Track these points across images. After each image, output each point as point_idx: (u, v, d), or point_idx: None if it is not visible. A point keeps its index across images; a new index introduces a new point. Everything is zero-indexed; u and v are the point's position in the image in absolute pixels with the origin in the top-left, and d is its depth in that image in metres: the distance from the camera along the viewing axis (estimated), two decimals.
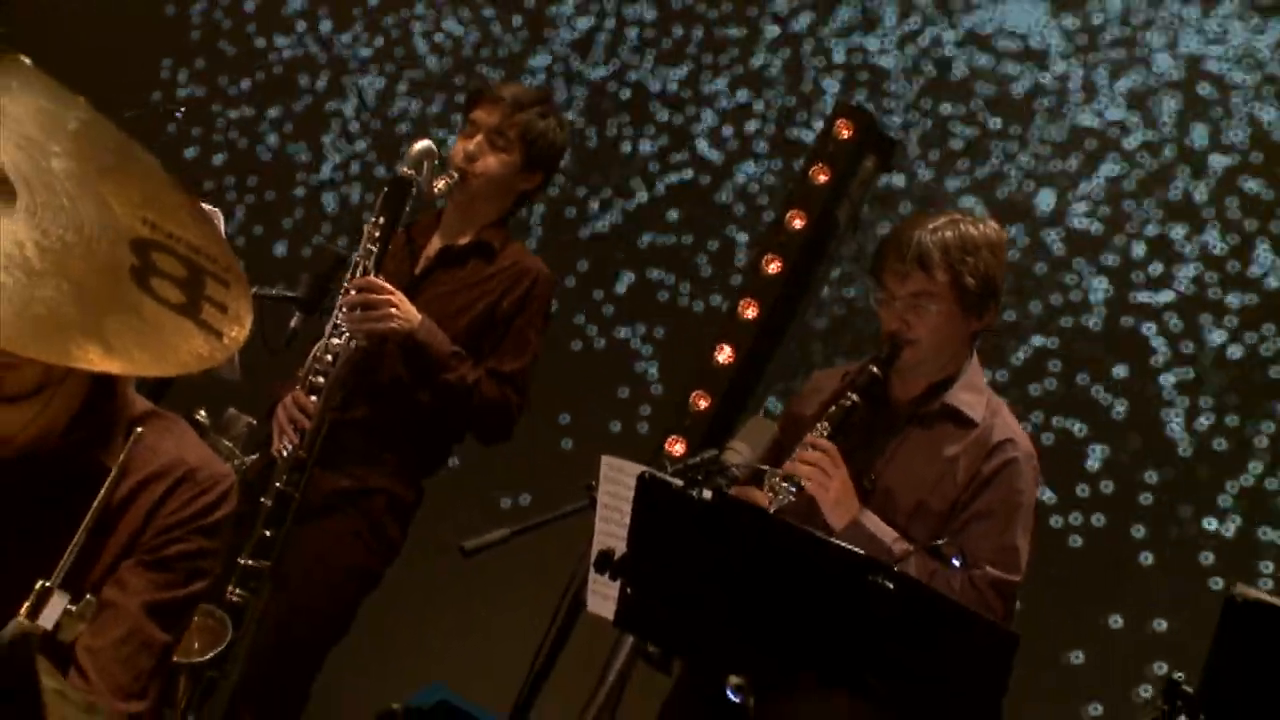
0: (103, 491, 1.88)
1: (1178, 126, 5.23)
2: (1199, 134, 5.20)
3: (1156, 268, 5.17)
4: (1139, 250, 5.19)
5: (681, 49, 5.85)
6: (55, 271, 1.51)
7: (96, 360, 1.53)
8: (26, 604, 1.87)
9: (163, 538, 2.32)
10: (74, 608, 1.92)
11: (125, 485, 2.32)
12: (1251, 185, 5.13)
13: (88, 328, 1.52)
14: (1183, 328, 5.11)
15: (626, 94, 5.89)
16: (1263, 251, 5.08)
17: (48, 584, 1.90)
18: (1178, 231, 5.17)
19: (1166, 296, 5.13)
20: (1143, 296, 5.17)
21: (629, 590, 2.74)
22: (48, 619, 1.89)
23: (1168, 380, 5.10)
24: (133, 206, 1.54)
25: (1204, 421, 5.04)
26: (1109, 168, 5.28)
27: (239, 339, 1.58)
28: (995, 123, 5.44)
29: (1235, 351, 5.06)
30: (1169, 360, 5.10)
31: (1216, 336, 5.08)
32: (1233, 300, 5.09)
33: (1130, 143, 5.28)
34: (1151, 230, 5.20)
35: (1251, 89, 5.16)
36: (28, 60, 1.46)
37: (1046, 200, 5.32)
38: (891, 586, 2.54)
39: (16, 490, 2.30)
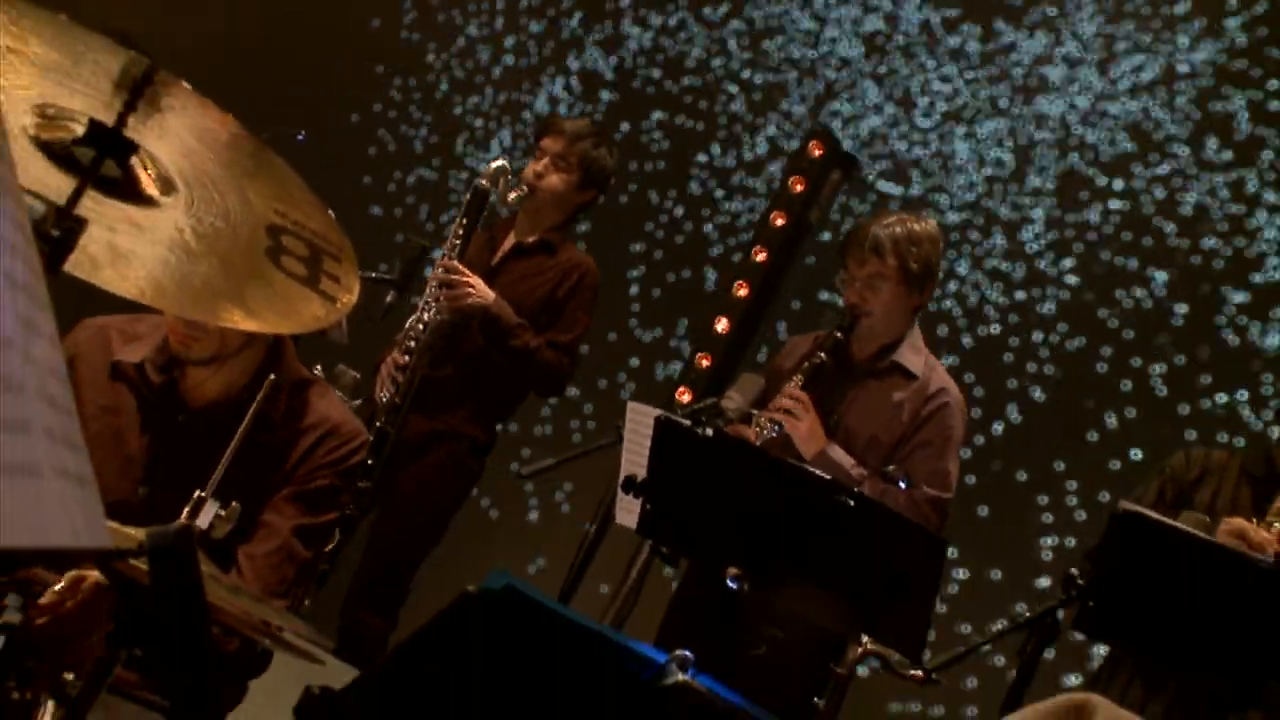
0: (246, 420, 1.93)
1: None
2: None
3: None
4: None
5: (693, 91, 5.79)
6: (208, 252, 1.53)
7: (240, 320, 1.55)
8: (186, 508, 1.92)
9: (312, 474, 2.42)
10: (223, 512, 1.96)
11: (286, 432, 2.44)
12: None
13: (232, 295, 1.54)
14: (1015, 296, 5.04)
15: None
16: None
17: (203, 494, 1.94)
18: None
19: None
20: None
21: (648, 506, 2.77)
22: (203, 520, 1.94)
23: None
24: (267, 200, 1.56)
25: None
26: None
27: (349, 304, 1.60)
28: (938, 140, 5.37)
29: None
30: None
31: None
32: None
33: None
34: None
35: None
36: (188, 86, 1.48)
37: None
38: (851, 504, 2.56)
39: (207, 432, 2.37)
